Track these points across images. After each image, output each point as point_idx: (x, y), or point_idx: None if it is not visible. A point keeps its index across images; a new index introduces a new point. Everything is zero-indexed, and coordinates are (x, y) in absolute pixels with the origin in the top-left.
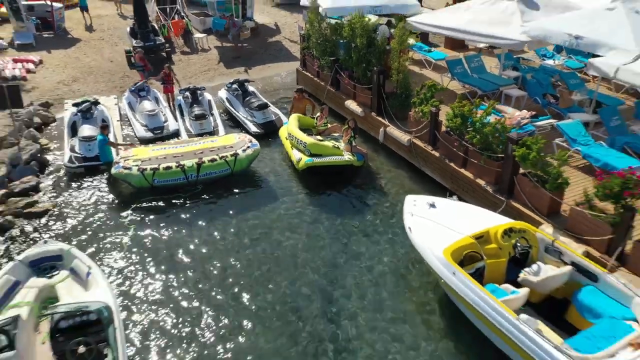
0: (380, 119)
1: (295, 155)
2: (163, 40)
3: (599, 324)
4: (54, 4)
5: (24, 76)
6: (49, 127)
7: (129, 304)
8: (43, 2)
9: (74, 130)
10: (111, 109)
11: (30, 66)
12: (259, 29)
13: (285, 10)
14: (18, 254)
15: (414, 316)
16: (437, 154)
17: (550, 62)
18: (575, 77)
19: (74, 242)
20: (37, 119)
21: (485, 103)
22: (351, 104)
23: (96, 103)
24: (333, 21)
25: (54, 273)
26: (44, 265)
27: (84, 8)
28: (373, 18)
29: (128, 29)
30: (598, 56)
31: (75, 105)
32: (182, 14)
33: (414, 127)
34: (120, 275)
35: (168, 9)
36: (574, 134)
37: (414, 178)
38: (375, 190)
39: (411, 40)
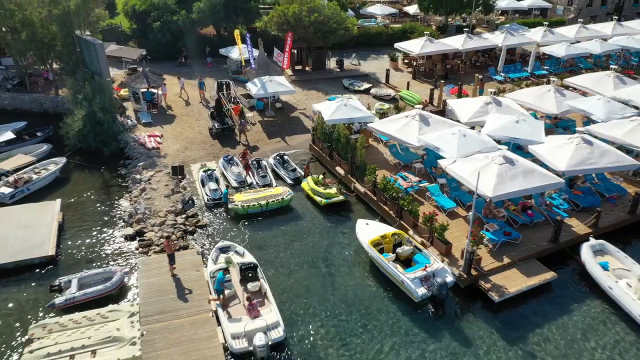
0: (352, 178)
1: (317, 198)
2: (231, 123)
3: (417, 264)
4: (152, 89)
5: (158, 147)
6: (184, 180)
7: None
8: (149, 89)
9: (202, 183)
10: (217, 169)
11: (158, 139)
12: (283, 106)
13: (299, 86)
14: (209, 244)
15: (358, 265)
16: (375, 198)
17: None
18: None
19: (226, 237)
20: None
21: (403, 172)
22: (338, 169)
23: (213, 170)
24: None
25: (228, 252)
26: (224, 249)
27: (150, 101)
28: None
29: (209, 113)
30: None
31: (204, 171)
32: (237, 99)
33: (367, 185)
34: (251, 250)
35: (225, 93)
36: (434, 190)
37: (367, 209)
38: (349, 213)
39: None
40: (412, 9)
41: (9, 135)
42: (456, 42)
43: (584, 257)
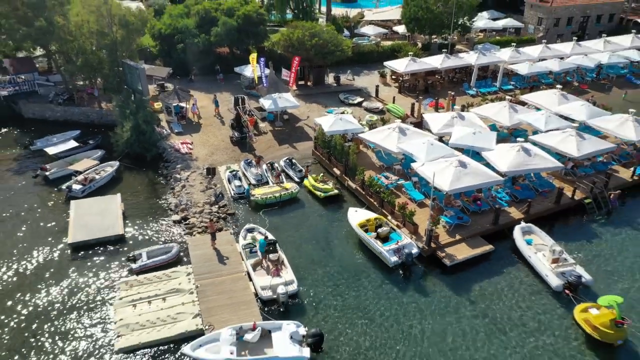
0: (346, 177)
1: (317, 192)
2: (248, 132)
3: (392, 240)
4: (181, 104)
5: (190, 152)
6: (214, 179)
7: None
8: (178, 104)
9: (228, 181)
10: (239, 170)
11: (190, 145)
12: (289, 117)
13: (302, 100)
14: (238, 227)
15: (349, 242)
16: (363, 192)
17: None
18: None
19: (250, 222)
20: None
21: (385, 172)
22: (335, 169)
23: (237, 171)
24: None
25: (253, 232)
26: (250, 230)
27: (178, 113)
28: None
29: (230, 123)
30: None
31: (230, 171)
32: (252, 112)
33: (357, 182)
34: (270, 231)
35: (241, 106)
36: (408, 187)
37: (357, 200)
38: (343, 203)
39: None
40: (401, 28)
41: (72, 143)
42: (436, 61)
43: (515, 235)
